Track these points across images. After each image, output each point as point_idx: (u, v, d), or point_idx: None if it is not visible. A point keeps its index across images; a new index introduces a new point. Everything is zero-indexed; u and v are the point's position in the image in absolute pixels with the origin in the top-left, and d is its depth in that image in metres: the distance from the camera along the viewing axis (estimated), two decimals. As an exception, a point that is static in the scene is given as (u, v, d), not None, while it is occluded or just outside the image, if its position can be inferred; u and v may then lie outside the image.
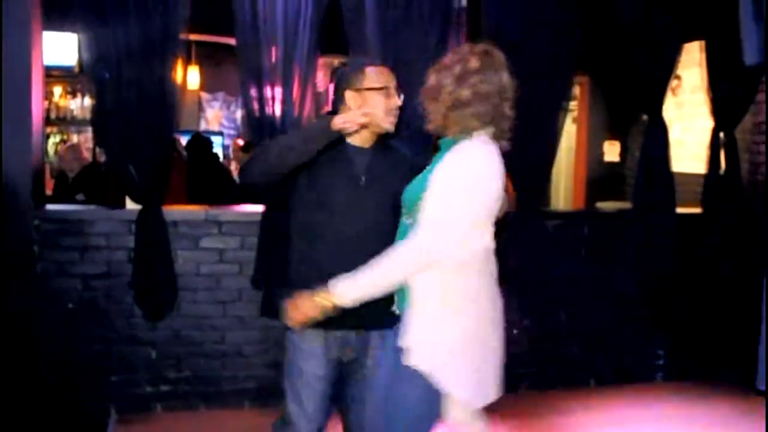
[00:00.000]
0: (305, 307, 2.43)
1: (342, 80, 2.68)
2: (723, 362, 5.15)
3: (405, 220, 2.51)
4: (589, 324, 4.96)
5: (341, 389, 2.81)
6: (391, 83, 2.66)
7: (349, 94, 2.64)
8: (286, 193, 2.72)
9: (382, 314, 2.54)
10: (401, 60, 4.09)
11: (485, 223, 2.41)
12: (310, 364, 2.69)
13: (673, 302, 5.07)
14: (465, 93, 2.38)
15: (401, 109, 2.67)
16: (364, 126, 2.53)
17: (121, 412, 4.22)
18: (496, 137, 2.46)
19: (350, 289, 2.37)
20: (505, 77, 2.44)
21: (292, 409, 2.75)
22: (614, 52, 5.17)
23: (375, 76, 2.64)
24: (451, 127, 2.44)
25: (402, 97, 2.67)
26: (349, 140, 2.66)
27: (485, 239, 2.42)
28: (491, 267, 2.46)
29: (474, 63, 2.41)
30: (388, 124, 2.64)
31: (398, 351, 2.40)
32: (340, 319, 2.51)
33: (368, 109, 2.52)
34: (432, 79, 2.47)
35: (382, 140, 2.73)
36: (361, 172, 2.65)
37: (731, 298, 5.14)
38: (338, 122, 2.44)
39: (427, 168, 2.49)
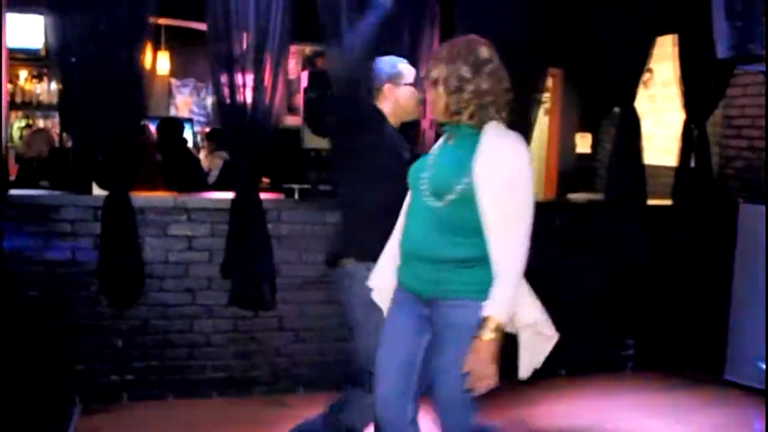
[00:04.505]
0: (486, 358, 2.40)
1: (380, 75, 3.13)
2: (691, 352, 5.21)
3: (432, 202, 2.52)
4: (559, 314, 4.93)
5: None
6: (417, 78, 3.17)
7: (387, 87, 3.11)
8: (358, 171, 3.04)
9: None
10: (376, 49, 4.06)
11: None
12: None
13: (643, 293, 5.10)
14: (485, 82, 2.48)
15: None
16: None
17: (86, 402, 4.15)
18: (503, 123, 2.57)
19: (507, 305, 2.44)
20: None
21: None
22: (587, 44, 5.18)
23: (408, 72, 3.16)
24: (466, 116, 2.50)
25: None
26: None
27: None
28: None
29: (485, 52, 2.52)
30: (418, 112, 3.28)
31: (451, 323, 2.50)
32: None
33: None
34: (443, 70, 2.50)
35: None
36: (405, 147, 3.14)
37: (700, 289, 5.19)
38: None
39: (446, 154, 2.59)
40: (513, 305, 2.46)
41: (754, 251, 4.82)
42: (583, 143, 7.97)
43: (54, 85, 7.79)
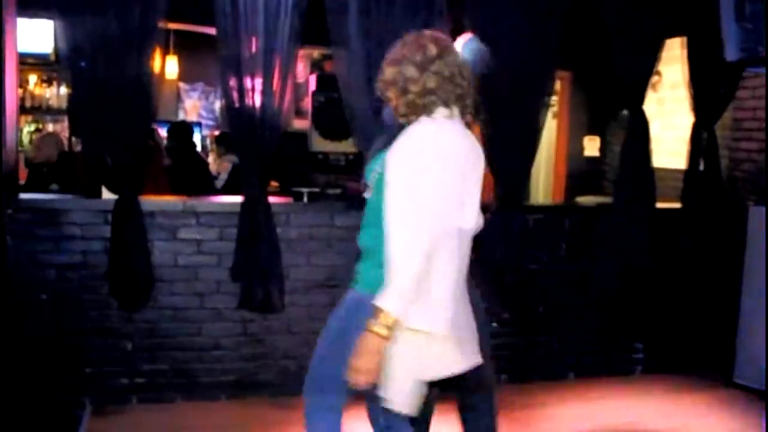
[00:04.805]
0: (365, 351, 2.28)
1: None
2: (700, 355, 5.20)
3: (365, 194, 2.56)
4: (568, 317, 4.97)
5: None
6: None
7: None
8: None
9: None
10: (383, 52, 4.06)
11: (460, 198, 2.39)
12: None
13: (652, 296, 5.09)
14: (431, 80, 2.39)
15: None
16: None
17: (96, 404, 4.17)
18: (460, 114, 2.47)
19: (396, 298, 2.25)
20: (459, 57, 2.48)
21: None
22: (595, 47, 5.17)
23: None
24: (417, 114, 2.43)
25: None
26: None
27: (461, 217, 2.39)
28: (465, 249, 2.43)
29: (433, 49, 2.42)
30: None
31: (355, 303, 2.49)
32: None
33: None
34: (392, 71, 2.45)
35: None
36: None
37: (709, 293, 5.17)
38: None
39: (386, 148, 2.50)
40: (406, 302, 2.25)
41: (763, 254, 4.80)
42: (592, 146, 7.95)
43: (63, 90, 7.84)
